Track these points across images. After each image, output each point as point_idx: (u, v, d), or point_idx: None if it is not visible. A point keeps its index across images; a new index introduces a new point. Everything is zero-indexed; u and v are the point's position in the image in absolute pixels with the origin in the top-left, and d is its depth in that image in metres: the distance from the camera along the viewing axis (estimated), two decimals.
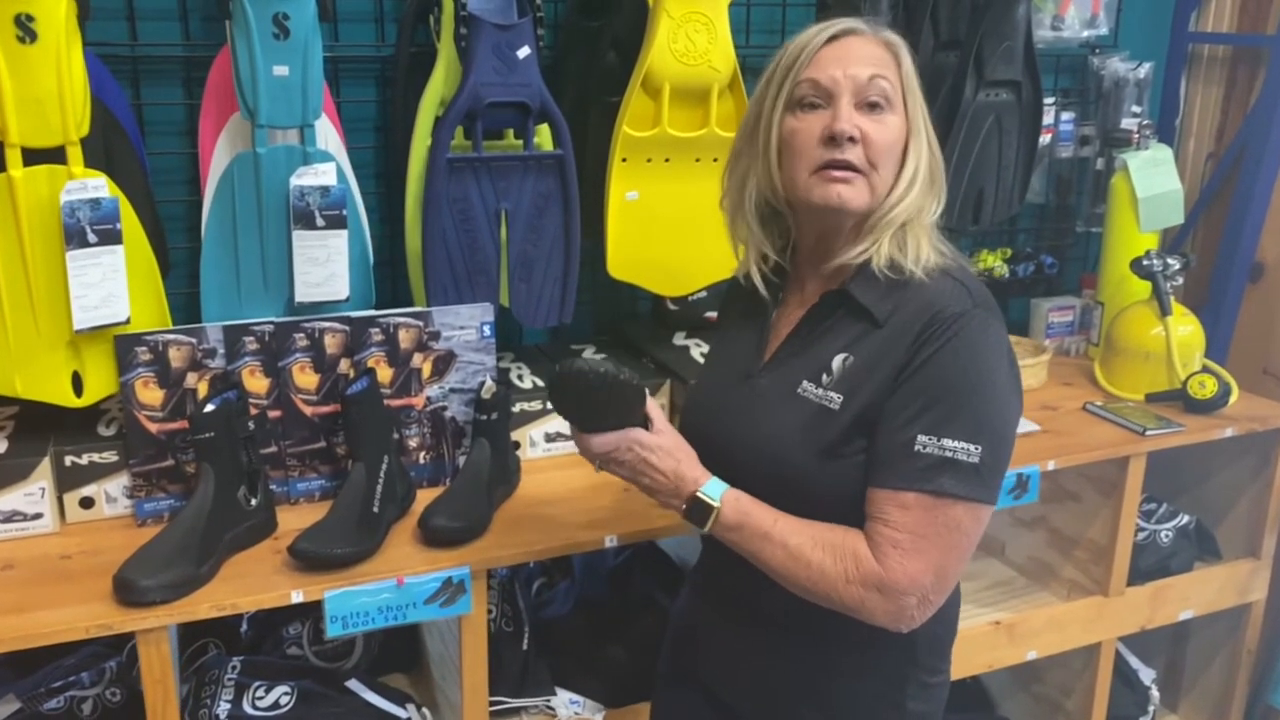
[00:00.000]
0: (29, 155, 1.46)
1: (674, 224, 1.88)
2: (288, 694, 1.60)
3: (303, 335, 1.62)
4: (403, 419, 1.69)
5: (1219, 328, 2.42)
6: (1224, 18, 2.51)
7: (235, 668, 1.61)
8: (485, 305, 1.72)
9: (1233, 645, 2.31)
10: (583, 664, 1.80)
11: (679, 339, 2.11)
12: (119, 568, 1.36)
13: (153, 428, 1.56)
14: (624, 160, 1.83)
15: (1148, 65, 2.40)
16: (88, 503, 1.59)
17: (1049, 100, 2.29)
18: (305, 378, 1.63)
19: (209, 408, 1.49)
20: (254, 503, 1.53)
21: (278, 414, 1.63)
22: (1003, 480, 1.17)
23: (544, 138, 1.79)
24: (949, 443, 1.11)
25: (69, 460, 1.57)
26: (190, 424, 1.51)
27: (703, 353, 2.01)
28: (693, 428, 1.32)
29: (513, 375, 1.92)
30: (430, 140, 1.71)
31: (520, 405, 1.81)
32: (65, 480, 1.57)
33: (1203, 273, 2.51)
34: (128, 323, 1.55)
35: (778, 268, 1.31)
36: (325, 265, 1.66)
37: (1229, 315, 2.45)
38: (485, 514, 1.58)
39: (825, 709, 1.27)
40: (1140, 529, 2.14)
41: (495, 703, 1.64)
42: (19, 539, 1.53)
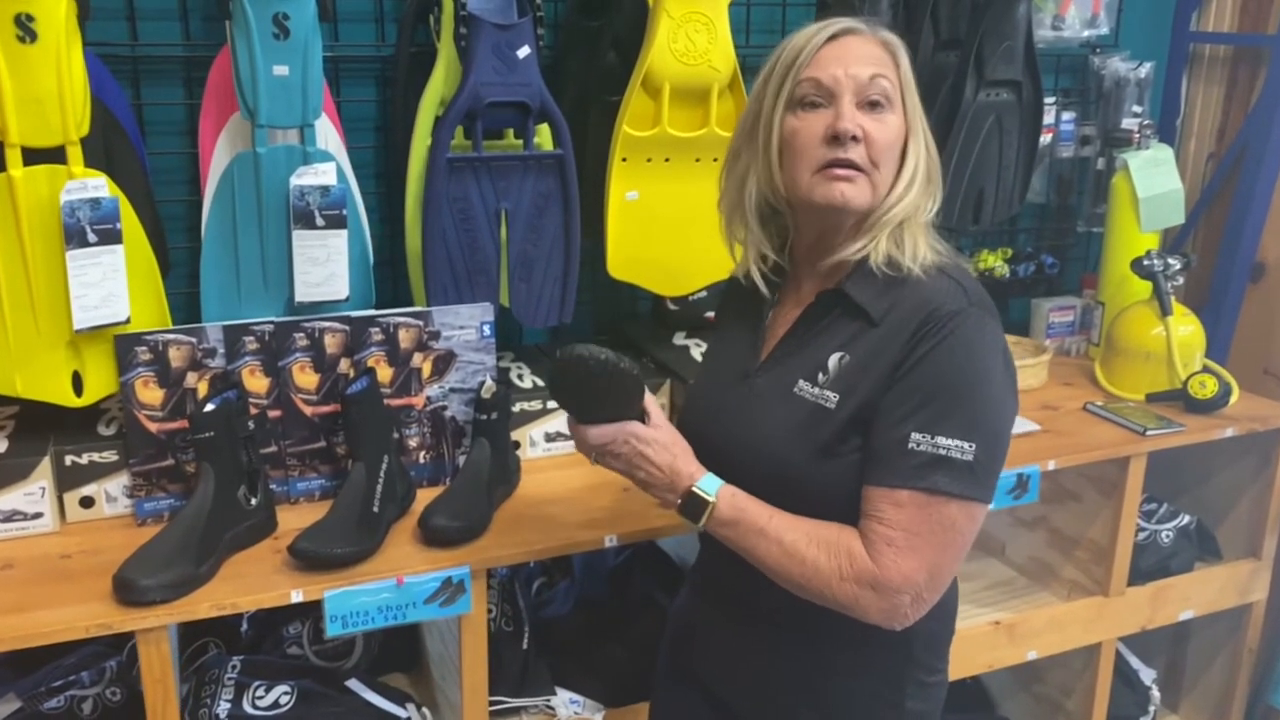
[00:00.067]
0: (29, 155, 1.46)
1: (674, 224, 1.88)
2: (288, 693, 1.60)
3: (303, 335, 1.62)
4: (403, 419, 1.69)
5: (1220, 328, 2.42)
6: (1225, 17, 2.51)
7: (235, 667, 1.62)
8: (485, 305, 1.72)
9: (1233, 645, 2.30)
10: (583, 664, 1.80)
11: (679, 339, 2.12)
12: (119, 567, 1.36)
13: (153, 427, 1.56)
14: (624, 160, 1.83)
15: (1148, 65, 2.40)
16: (88, 502, 1.59)
17: (1049, 100, 2.28)
18: (305, 377, 1.64)
19: (209, 407, 1.49)
20: (254, 502, 1.54)
21: (278, 414, 1.63)
22: (998, 479, 1.17)
23: (544, 137, 1.79)
24: (943, 440, 1.11)
25: (69, 460, 1.57)
26: (190, 423, 1.51)
27: (703, 353, 2.01)
28: (690, 427, 1.32)
29: (513, 375, 1.92)
30: (430, 140, 1.71)
31: (520, 405, 1.81)
32: (65, 480, 1.57)
33: (1203, 273, 2.51)
34: (128, 322, 1.55)
35: (776, 267, 1.31)
36: (325, 265, 1.66)
37: (1230, 315, 2.44)
38: (485, 514, 1.58)
39: (823, 708, 1.28)
40: (1141, 529, 2.14)
41: (495, 702, 1.64)
42: (19, 538, 1.53)
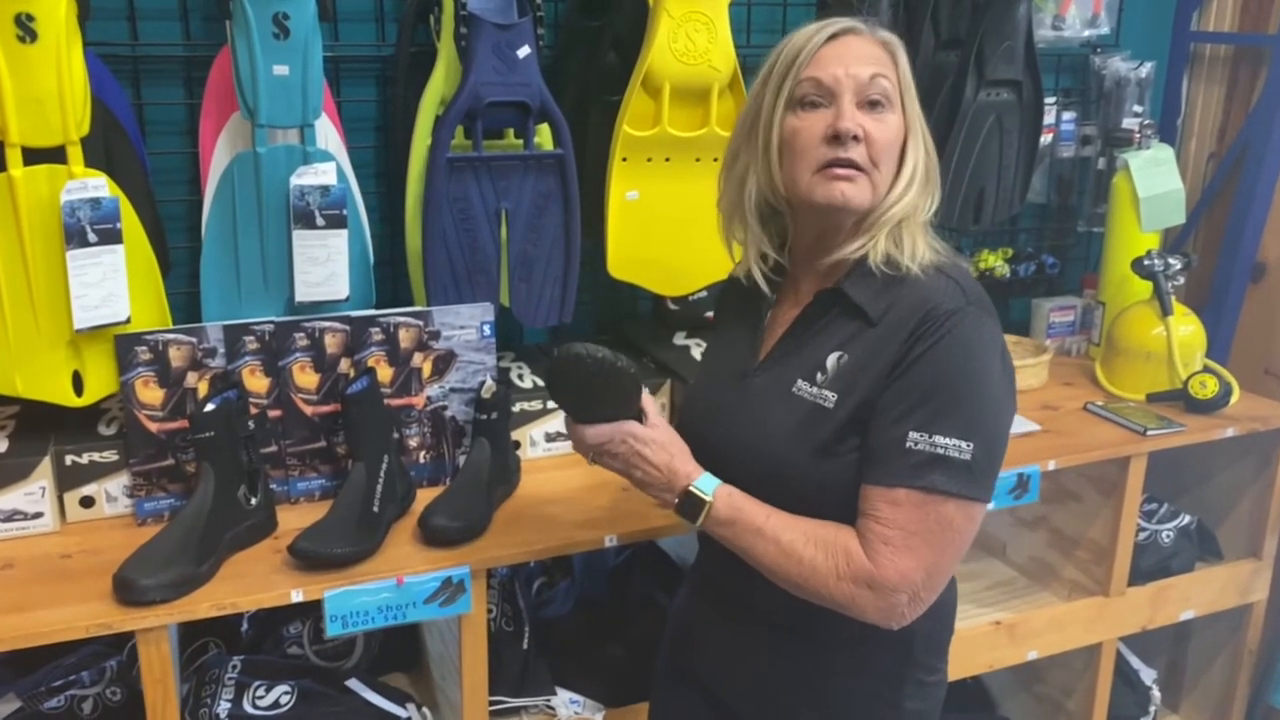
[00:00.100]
0: (29, 155, 1.46)
1: (674, 223, 1.88)
2: (288, 693, 1.60)
3: (303, 335, 1.62)
4: (403, 418, 1.69)
5: (1220, 328, 2.42)
6: (1225, 17, 2.50)
7: (235, 667, 1.62)
8: (485, 305, 1.72)
9: (1234, 645, 2.30)
10: (583, 663, 1.80)
11: (679, 339, 2.12)
12: (119, 567, 1.36)
13: (153, 427, 1.57)
14: (624, 160, 1.83)
15: (1149, 65, 2.40)
16: (88, 502, 1.59)
17: (1050, 100, 2.28)
18: (305, 377, 1.64)
19: (209, 407, 1.49)
20: (254, 502, 1.54)
21: (278, 413, 1.63)
22: (996, 478, 1.17)
23: (544, 137, 1.79)
24: (940, 439, 1.11)
25: (69, 459, 1.57)
26: (190, 423, 1.51)
27: (702, 353, 2.01)
28: (689, 427, 1.32)
29: (513, 375, 1.92)
30: (430, 140, 1.71)
31: (520, 405, 1.81)
32: (65, 479, 1.57)
33: (1204, 273, 2.51)
34: (128, 322, 1.55)
35: (777, 266, 1.31)
36: (325, 265, 1.66)
37: (1230, 315, 2.44)
38: (485, 513, 1.58)
39: (822, 708, 1.27)
40: (1141, 529, 2.14)
41: (495, 702, 1.64)
42: (19, 538, 1.53)
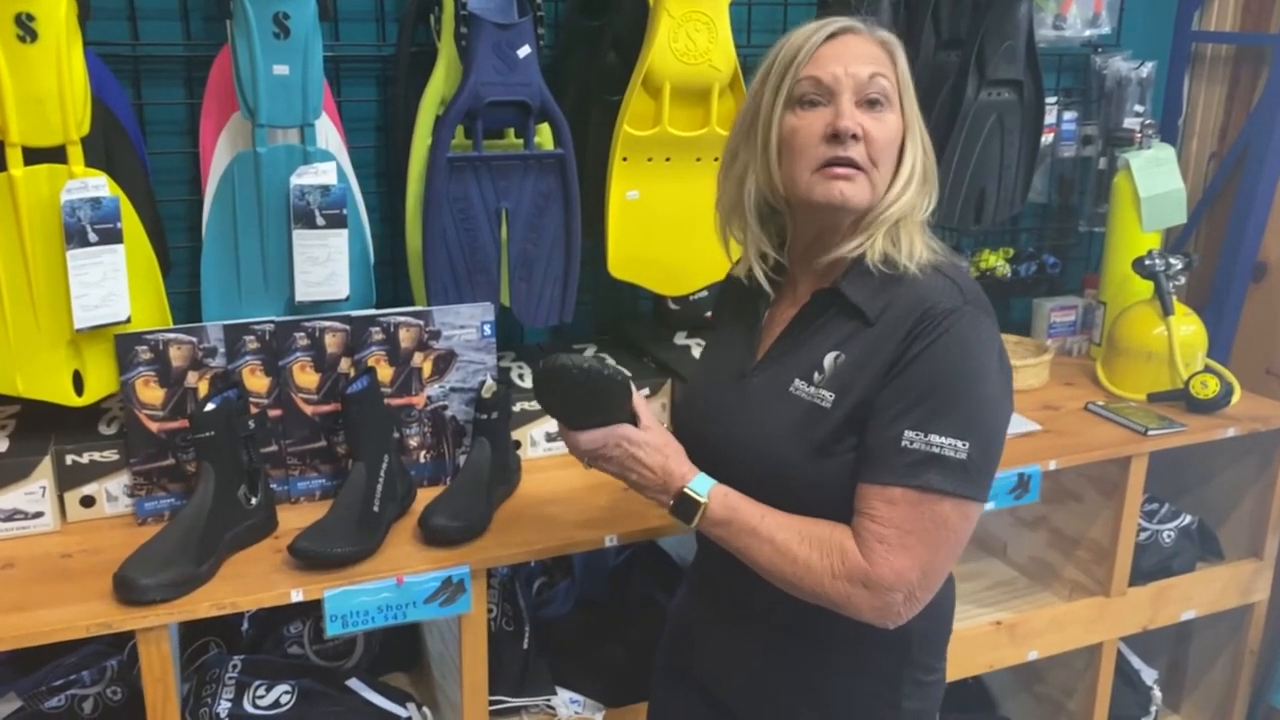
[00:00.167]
0: (29, 154, 1.46)
1: (675, 223, 1.88)
2: (288, 693, 1.60)
3: (303, 334, 1.62)
4: (403, 418, 1.69)
5: (1221, 327, 2.42)
6: (1227, 17, 2.50)
7: (236, 666, 1.62)
8: (486, 305, 1.72)
9: (1235, 646, 2.30)
10: (583, 663, 1.80)
11: (680, 338, 2.11)
12: (119, 566, 1.36)
13: (153, 427, 1.57)
14: (625, 159, 1.83)
15: (1150, 64, 2.40)
16: (88, 501, 1.59)
17: (1051, 99, 2.28)
18: (306, 377, 1.64)
19: (209, 407, 1.49)
20: (254, 502, 1.54)
21: (278, 413, 1.63)
22: (993, 478, 1.16)
23: (544, 137, 1.79)
24: (936, 439, 1.11)
25: (70, 459, 1.57)
26: (191, 423, 1.51)
27: (701, 352, 2.01)
28: (687, 427, 1.32)
29: (513, 375, 1.92)
30: (431, 139, 1.71)
31: (521, 404, 1.81)
32: (66, 479, 1.57)
33: (1205, 272, 2.51)
34: (128, 322, 1.55)
35: (777, 265, 1.31)
36: (325, 264, 1.66)
37: (1232, 315, 2.44)
38: (485, 513, 1.58)
39: (822, 708, 1.27)
40: (1142, 529, 2.14)
41: (495, 702, 1.64)
42: (20, 538, 1.53)
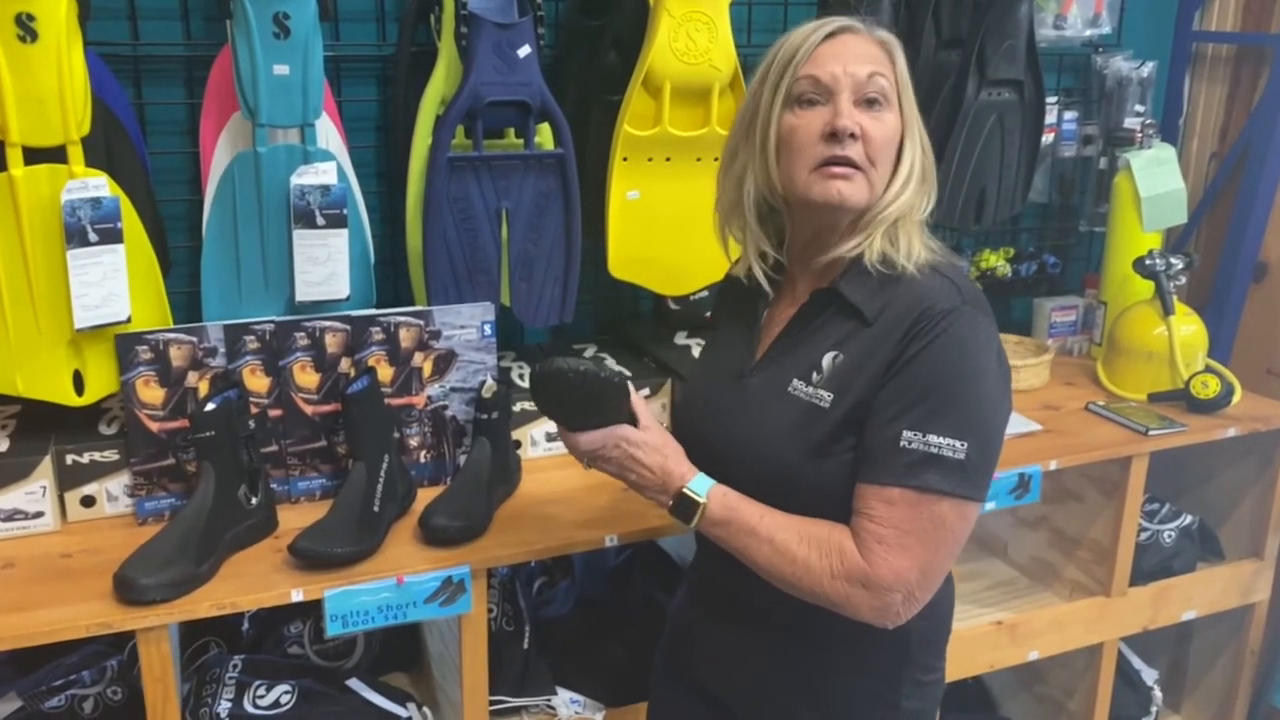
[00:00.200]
0: (30, 154, 1.46)
1: (675, 223, 1.88)
2: (288, 693, 1.60)
3: (303, 334, 1.62)
4: (403, 418, 1.69)
5: (1222, 327, 2.42)
6: (1227, 17, 2.50)
7: (236, 666, 1.62)
8: (486, 304, 1.72)
9: (1236, 646, 2.30)
10: (583, 663, 1.80)
11: (680, 338, 2.11)
12: (119, 566, 1.36)
13: (154, 426, 1.57)
14: (625, 159, 1.83)
15: (1151, 64, 2.39)
16: (89, 501, 1.59)
17: (1051, 99, 2.28)
18: (306, 377, 1.64)
19: (210, 407, 1.49)
20: (254, 501, 1.54)
21: (278, 413, 1.63)
22: (991, 478, 1.16)
23: (545, 137, 1.79)
24: (934, 439, 1.11)
25: (70, 459, 1.57)
26: (191, 423, 1.51)
27: (700, 352, 2.01)
28: (685, 426, 1.32)
29: (513, 374, 1.92)
30: (431, 139, 1.71)
31: (521, 404, 1.81)
32: (66, 479, 1.57)
33: (1206, 272, 2.51)
34: (128, 321, 1.55)
35: (777, 264, 1.31)
36: (326, 264, 1.66)
37: (1232, 315, 2.44)
38: (485, 513, 1.58)
39: (821, 708, 1.27)
40: (1143, 529, 2.14)
41: (496, 702, 1.64)
42: (20, 537, 1.53)
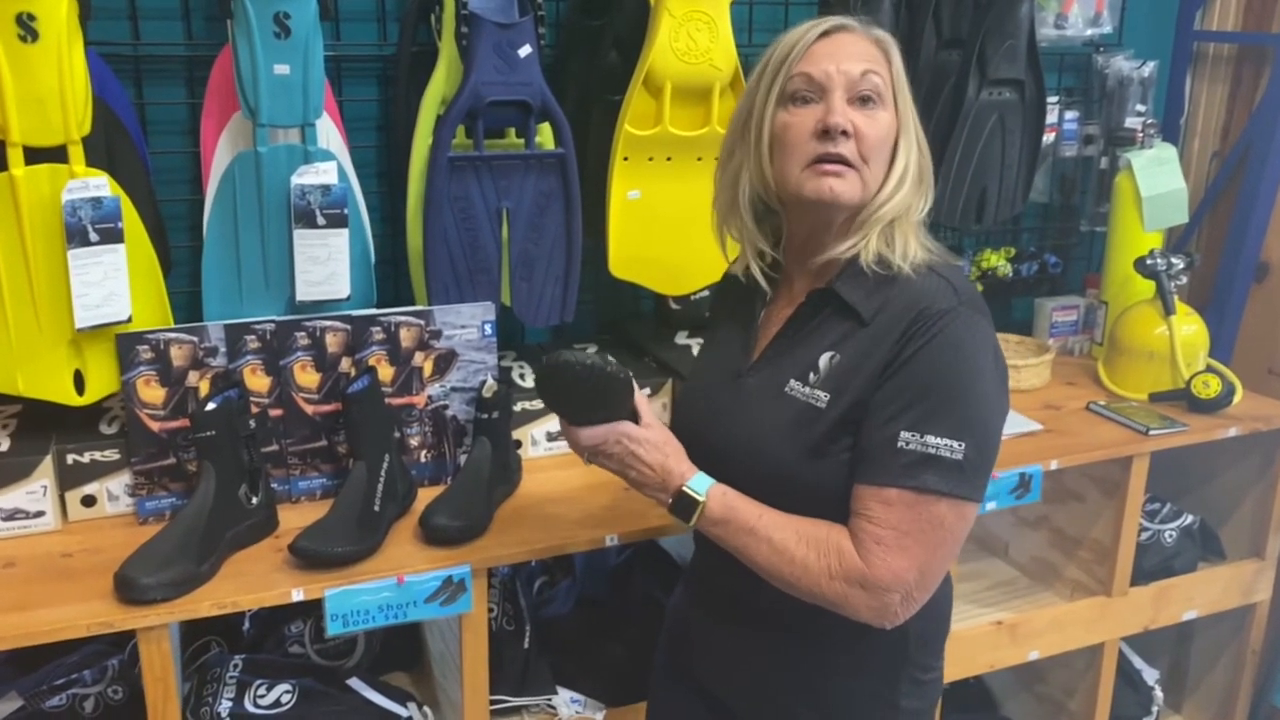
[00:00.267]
0: (30, 154, 1.46)
1: (676, 223, 1.88)
2: (289, 692, 1.60)
3: (304, 334, 1.62)
4: (404, 418, 1.69)
5: (1224, 327, 2.41)
6: (1229, 16, 2.50)
7: (237, 666, 1.62)
8: (486, 304, 1.72)
9: (1237, 646, 2.30)
10: (584, 663, 1.80)
11: (681, 338, 2.11)
12: (120, 566, 1.36)
13: (154, 426, 1.57)
14: (625, 159, 1.83)
15: (1152, 64, 2.39)
16: (89, 501, 1.59)
17: (1052, 99, 2.28)
18: (306, 376, 1.64)
19: (210, 406, 1.49)
20: (255, 501, 1.54)
21: (279, 412, 1.63)
22: (988, 478, 1.17)
23: (545, 136, 1.79)
24: (932, 439, 1.11)
25: (71, 458, 1.57)
26: (192, 422, 1.51)
27: (698, 351, 2.01)
28: (684, 426, 1.32)
29: (514, 374, 1.92)
30: (431, 139, 1.71)
31: (521, 404, 1.81)
32: (67, 478, 1.57)
33: (1207, 272, 2.51)
34: (129, 321, 1.55)
35: (775, 263, 1.31)
36: (326, 264, 1.66)
37: (1234, 315, 2.44)
38: (486, 513, 1.58)
39: (820, 707, 1.27)
40: (1144, 529, 2.14)
41: (496, 701, 1.64)
42: (21, 537, 1.54)
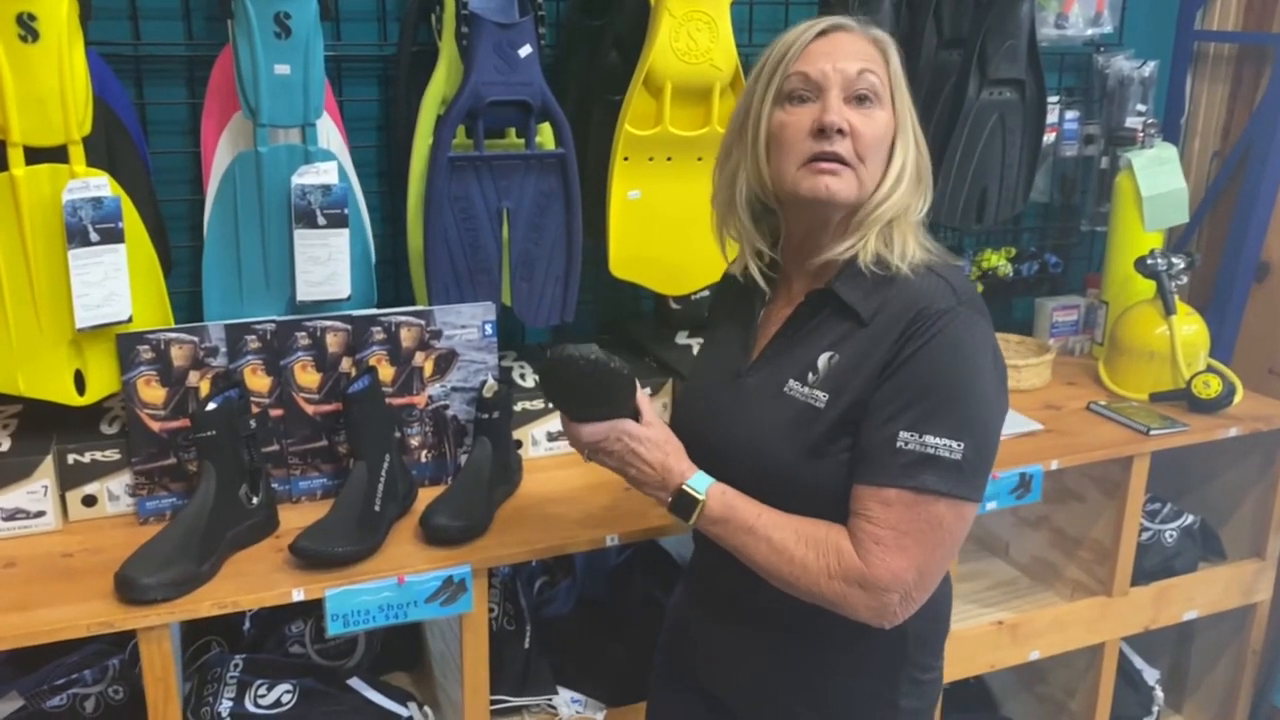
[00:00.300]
0: (31, 154, 1.46)
1: (676, 223, 1.88)
2: (290, 692, 1.60)
3: (304, 334, 1.62)
4: (404, 418, 1.69)
5: (1224, 327, 2.41)
6: (1229, 16, 2.50)
7: (237, 666, 1.62)
8: (487, 304, 1.72)
9: (1237, 646, 2.30)
10: (584, 663, 1.80)
11: (682, 338, 2.11)
12: (121, 565, 1.36)
13: (155, 426, 1.57)
14: (626, 159, 1.83)
15: (1153, 64, 2.39)
16: (90, 501, 1.59)
17: (1053, 99, 2.28)
18: (307, 376, 1.64)
19: (211, 406, 1.49)
20: (255, 501, 1.54)
21: (279, 412, 1.63)
22: (987, 478, 1.17)
23: (546, 136, 1.79)
24: (931, 439, 1.11)
25: (71, 458, 1.57)
26: (192, 422, 1.51)
27: (698, 351, 2.01)
28: (684, 425, 1.32)
29: (514, 374, 1.92)
30: (432, 139, 1.71)
31: (522, 404, 1.81)
32: (68, 478, 1.57)
33: (1208, 272, 2.51)
34: (130, 321, 1.55)
35: (772, 264, 1.31)
36: (327, 264, 1.66)
37: (1234, 315, 2.44)
38: (486, 513, 1.58)
39: (820, 707, 1.28)
40: (1144, 529, 2.14)
41: (497, 701, 1.64)
42: (22, 537, 1.54)
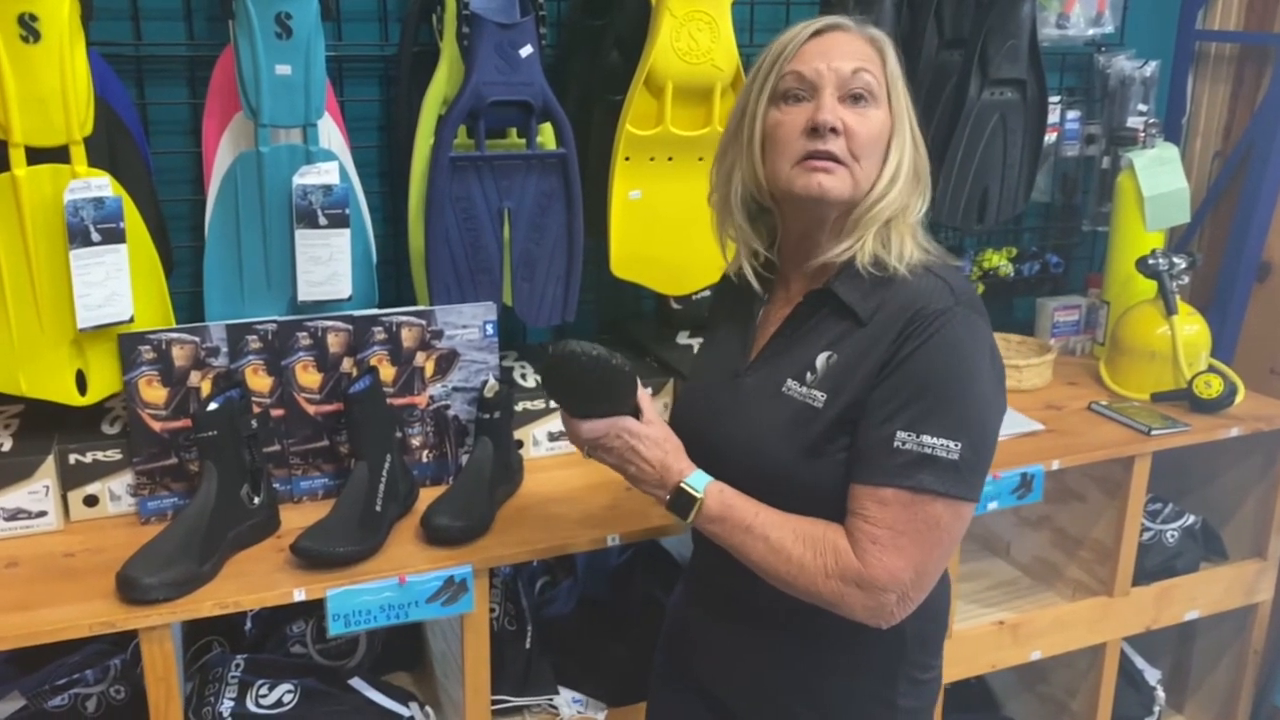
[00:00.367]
0: (33, 154, 1.46)
1: (677, 223, 1.88)
2: (291, 692, 1.60)
3: (305, 334, 1.62)
4: (405, 418, 1.70)
5: (1226, 327, 2.41)
6: (1231, 16, 2.50)
7: (239, 666, 1.62)
8: (488, 304, 1.72)
9: (1239, 646, 2.30)
10: (585, 663, 1.80)
11: (682, 338, 2.11)
12: (122, 565, 1.36)
13: (156, 426, 1.57)
14: (627, 159, 1.83)
15: (1154, 63, 2.39)
16: (92, 501, 1.60)
17: (1054, 99, 2.28)
18: (308, 376, 1.64)
19: (212, 406, 1.49)
20: (257, 501, 1.54)
21: (280, 413, 1.63)
22: (985, 478, 1.17)
23: (547, 136, 1.79)
24: (928, 439, 1.11)
25: (73, 458, 1.57)
26: (193, 422, 1.51)
27: (697, 351, 2.01)
28: (683, 425, 1.32)
29: (516, 374, 1.92)
30: (433, 139, 1.71)
31: (523, 404, 1.81)
32: (69, 478, 1.57)
33: (1209, 272, 2.50)
34: (131, 321, 1.55)
35: (769, 264, 1.31)
36: (328, 264, 1.66)
37: (1236, 315, 2.44)
38: (487, 513, 1.58)
39: (819, 707, 1.28)
40: (1146, 529, 2.14)
41: (498, 701, 1.64)
42: (23, 536, 1.54)
